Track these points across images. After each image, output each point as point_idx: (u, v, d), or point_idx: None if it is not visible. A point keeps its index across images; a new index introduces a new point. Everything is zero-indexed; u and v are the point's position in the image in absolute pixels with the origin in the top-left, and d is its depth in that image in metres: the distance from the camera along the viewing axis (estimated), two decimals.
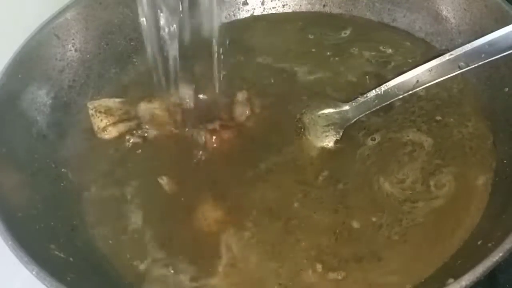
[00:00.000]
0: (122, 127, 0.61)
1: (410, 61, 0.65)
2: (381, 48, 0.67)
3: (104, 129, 0.60)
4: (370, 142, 0.58)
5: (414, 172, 0.55)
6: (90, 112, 0.61)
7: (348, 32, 0.70)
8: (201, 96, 0.63)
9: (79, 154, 0.61)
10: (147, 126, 0.61)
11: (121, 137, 0.61)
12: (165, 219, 0.55)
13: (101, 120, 0.60)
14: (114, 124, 0.60)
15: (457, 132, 0.58)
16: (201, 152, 0.59)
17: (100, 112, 0.60)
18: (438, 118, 0.59)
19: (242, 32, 0.72)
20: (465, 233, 0.50)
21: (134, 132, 0.61)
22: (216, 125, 0.60)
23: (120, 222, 0.55)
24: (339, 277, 0.49)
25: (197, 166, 0.58)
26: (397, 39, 0.68)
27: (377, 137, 0.58)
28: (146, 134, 0.61)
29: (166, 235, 0.54)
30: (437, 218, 0.52)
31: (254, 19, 0.74)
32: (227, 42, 0.57)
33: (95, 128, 0.61)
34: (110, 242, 0.54)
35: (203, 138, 0.59)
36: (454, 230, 0.50)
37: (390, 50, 0.67)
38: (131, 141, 0.61)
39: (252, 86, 0.65)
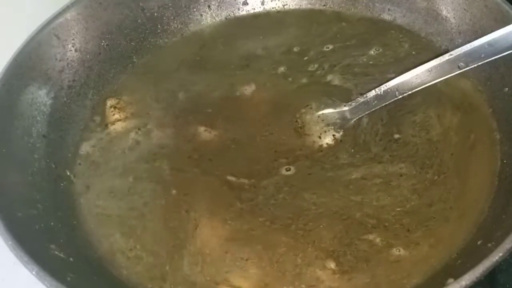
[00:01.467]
0: (129, 124, 0.63)
1: (410, 61, 0.64)
2: (381, 47, 0.67)
3: (113, 123, 0.63)
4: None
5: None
6: (107, 107, 0.65)
7: (348, 32, 0.70)
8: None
9: (79, 154, 0.61)
10: (150, 125, 0.62)
11: (125, 133, 0.62)
12: (166, 218, 0.55)
13: (114, 114, 0.64)
14: (123, 120, 0.63)
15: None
16: (197, 150, 0.60)
17: (115, 107, 0.64)
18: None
19: (242, 31, 0.72)
20: (467, 235, 0.50)
21: (138, 130, 0.62)
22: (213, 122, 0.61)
23: (121, 221, 0.55)
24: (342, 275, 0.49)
25: (195, 164, 0.59)
26: (397, 39, 0.68)
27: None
28: (149, 133, 0.62)
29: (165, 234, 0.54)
30: (438, 219, 0.51)
31: (254, 18, 0.74)
32: None
33: (106, 120, 0.64)
34: (110, 242, 0.54)
35: (200, 135, 0.60)
36: (456, 231, 0.50)
37: (389, 50, 0.67)
38: (134, 139, 0.61)
39: (251, 86, 0.65)
